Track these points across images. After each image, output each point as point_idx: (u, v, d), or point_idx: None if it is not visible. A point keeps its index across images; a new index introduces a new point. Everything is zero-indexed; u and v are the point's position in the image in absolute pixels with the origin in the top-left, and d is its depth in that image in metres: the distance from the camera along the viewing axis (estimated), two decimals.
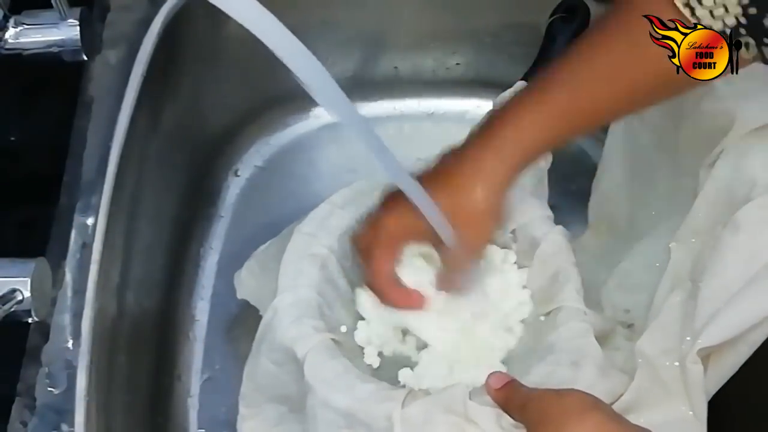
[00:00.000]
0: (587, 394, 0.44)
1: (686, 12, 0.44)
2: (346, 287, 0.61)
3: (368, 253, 0.56)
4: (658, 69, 0.47)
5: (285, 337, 0.55)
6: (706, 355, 0.52)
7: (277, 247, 0.62)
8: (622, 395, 0.53)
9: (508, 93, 0.67)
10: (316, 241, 0.60)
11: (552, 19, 0.69)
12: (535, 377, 0.52)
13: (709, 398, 0.53)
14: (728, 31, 0.43)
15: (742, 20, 0.42)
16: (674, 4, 0.44)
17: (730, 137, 0.54)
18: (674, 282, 0.56)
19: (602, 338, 0.57)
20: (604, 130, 0.69)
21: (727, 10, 0.42)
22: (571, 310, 0.56)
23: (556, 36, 0.68)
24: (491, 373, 0.49)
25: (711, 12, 0.43)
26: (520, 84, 0.67)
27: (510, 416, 0.47)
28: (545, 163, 0.66)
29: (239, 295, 0.65)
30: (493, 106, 0.68)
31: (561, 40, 0.68)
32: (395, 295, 0.56)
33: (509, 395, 0.47)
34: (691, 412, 0.51)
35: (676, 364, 0.52)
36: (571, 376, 0.52)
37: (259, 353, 0.58)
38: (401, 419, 0.50)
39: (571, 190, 0.74)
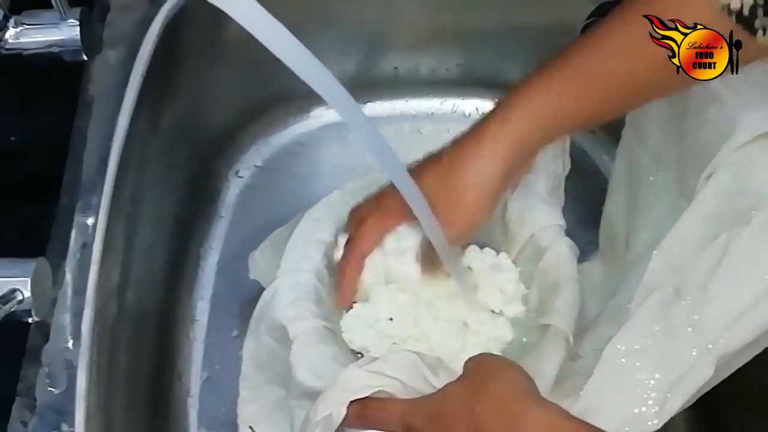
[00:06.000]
0: (520, 369, 0.45)
1: None
2: None
3: (358, 223, 0.57)
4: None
5: (282, 316, 0.55)
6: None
7: (290, 230, 0.62)
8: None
9: None
10: (323, 226, 0.60)
11: (587, 22, 0.68)
12: None
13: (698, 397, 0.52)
14: (746, 12, 0.42)
15: (760, 0, 0.41)
16: None
17: (729, 146, 0.53)
18: (650, 291, 0.54)
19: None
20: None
21: None
22: (558, 330, 0.56)
23: None
24: None
25: None
26: None
27: None
28: (562, 169, 0.65)
29: (252, 276, 0.65)
30: None
31: None
32: (348, 275, 0.57)
33: None
34: (656, 408, 0.49)
35: (648, 364, 0.51)
36: None
37: (259, 330, 0.58)
38: None
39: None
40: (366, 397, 0.47)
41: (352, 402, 0.47)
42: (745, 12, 0.42)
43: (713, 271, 0.51)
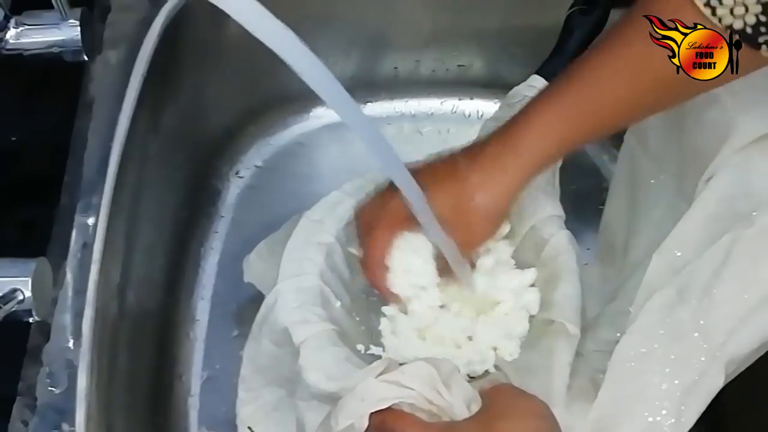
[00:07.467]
0: (544, 405, 0.46)
1: (707, 11, 0.43)
2: (349, 276, 0.61)
3: (368, 230, 0.56)
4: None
5: (287, 321, 0.55)
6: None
7: (286, 233, 0.62)
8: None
9: (522, 86, 0.66)
10: (323, 228, 0.60)
11: (571, 11, 0.67)
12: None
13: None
14: (749, 30, 0.42)
15: (762, 18, 0.42)
16: (694, 4, 0.43)
17: (728, 148, 0.53)
18: (652, 293, 0.54)
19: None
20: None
21: (747, 9, 0.42)
22: (561, 327, 0.56)
23: (574, 29, 0.67)
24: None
25: (731, 11, 0.42)
26: (533, 78, 0.66)
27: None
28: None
29: (246, 279, 0.65)
30: (506, 99, 0.67)
31: (579, 33, 0.67)
32: (379, 285, 0.57)
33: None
34: (672, 420, 0.49)
35: (657, 369, 0.51)
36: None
37: (260, 335, 0.58)
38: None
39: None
40: (386, 408, 0.48)
41: (372, 413, 0.47)
42: (748, 30, 0.42)
43: (717, 274, 0.51)
